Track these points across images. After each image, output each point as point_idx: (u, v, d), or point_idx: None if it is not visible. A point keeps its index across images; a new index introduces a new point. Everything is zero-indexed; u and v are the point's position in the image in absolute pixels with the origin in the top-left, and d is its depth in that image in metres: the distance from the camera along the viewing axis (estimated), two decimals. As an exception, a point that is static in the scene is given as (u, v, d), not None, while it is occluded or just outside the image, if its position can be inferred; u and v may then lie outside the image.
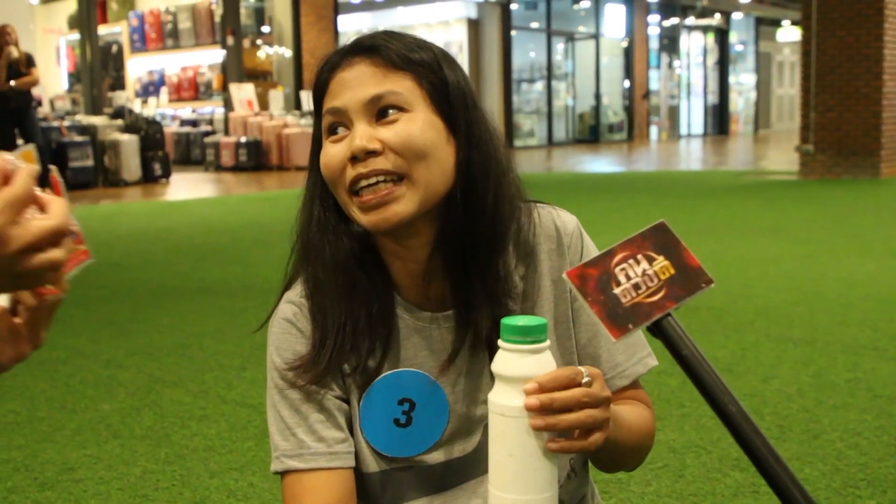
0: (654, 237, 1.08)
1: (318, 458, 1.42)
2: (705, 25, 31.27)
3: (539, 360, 1.12)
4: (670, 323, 1.06)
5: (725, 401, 1.05)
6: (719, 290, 5.56)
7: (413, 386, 1.45)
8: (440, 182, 1.33)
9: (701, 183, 13.59)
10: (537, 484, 1.13)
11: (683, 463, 2.99)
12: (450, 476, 1.48)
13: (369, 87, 1.32)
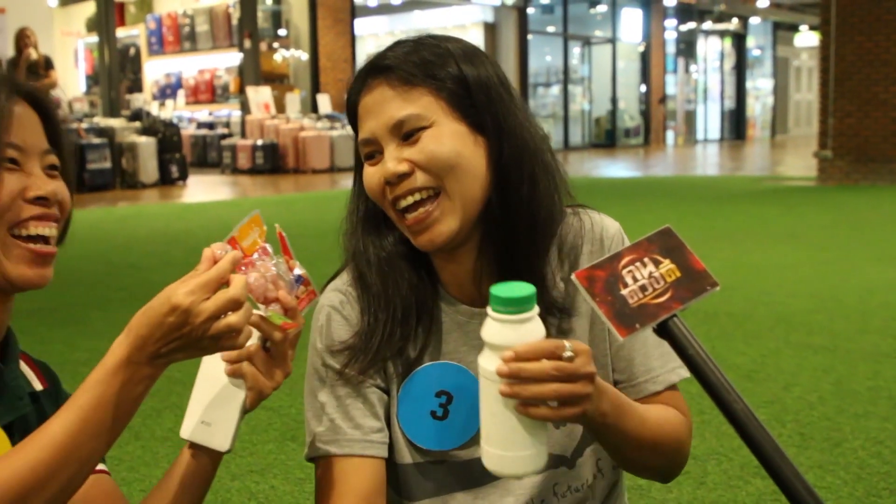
0: (660, 241, 1.11)
1: (353, 445, 1.44)
2: (722, 30, 31.19)
3: (522, 329, 1.15)
4: (676, 324, 1.09)
5: (731, 399, 1.08)
6: (738, 297, 5.55)
7: (451, 379, 1.47)
8: (476, 188, 1.37)
9: (718, 188, 13.55)
10: (517, 442, 1.18)
11: (705, 470, 2.98)
12: (483, 473, 1.47)
13: (390, 111, 1.37)
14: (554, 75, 26.73)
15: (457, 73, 1.38)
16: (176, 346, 1.15)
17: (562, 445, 1.49)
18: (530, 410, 1.14)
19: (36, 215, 1.31)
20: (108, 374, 1.17)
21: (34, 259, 1.30)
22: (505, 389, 1.14)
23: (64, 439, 1.15)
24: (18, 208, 1.30)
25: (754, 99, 33.71)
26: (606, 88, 27.76)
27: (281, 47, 20.35)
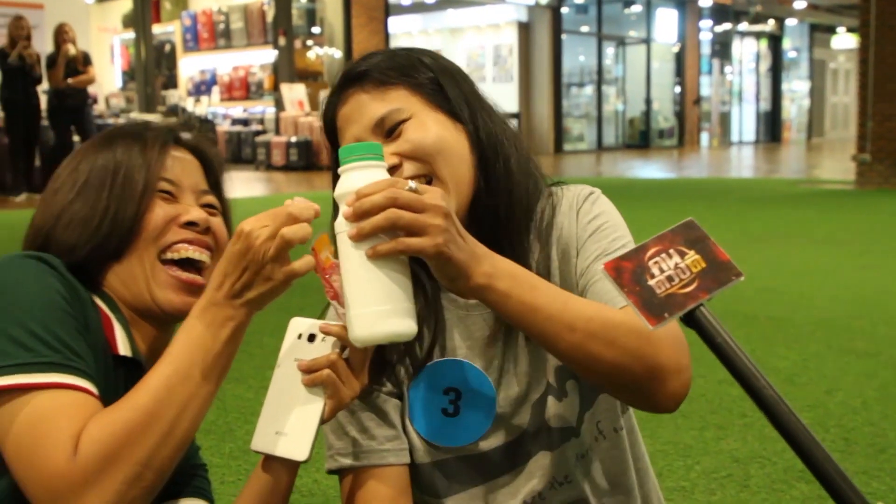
0: (684, 233, 1.13)
1: (370, 456, 1.45)
2: (758, 31, 30.97)
3: (365, 174, 1.18)
4: (703, 313, 1.10)
5: (760, 385, 1.08)
6: (778, 300, 5.50)
7: (458, 375, 1.48)
8: (464, 169, 1.42)
9: (754, 191, 13.46)
10: (373, 296, 1.17)
11: (747, 473, 2.94)
12: (504, 461, 1.50)
13: (369, 112, 1.42)
14: (587, 75, 26.64)
15: (428, 70, 1.45)
16: (246, 280, 1.18)
17: (567, 416, 1.49)
18: (379, 248, 1.16)
19: (186, 239, 1.40)
20: (193, 318, 1.22)
21: (180, 286, 1.39)
22: (351, 231, 1.16)
23: (157, 384, 1.19)
24: (170, 232, 1.40)
25: (790, 101, 33.48)
26: (640, 89, 27.64)
27: (315, 45, 20.42)
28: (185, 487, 1.53)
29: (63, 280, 1.28)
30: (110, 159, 1.42)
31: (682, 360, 1.31)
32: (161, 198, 1.41)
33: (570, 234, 1.48)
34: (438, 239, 1.15)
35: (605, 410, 1.52)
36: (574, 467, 1.51)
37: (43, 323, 1.21)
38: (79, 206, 1.40)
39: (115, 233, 1.38)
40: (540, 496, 1.50)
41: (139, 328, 1.41)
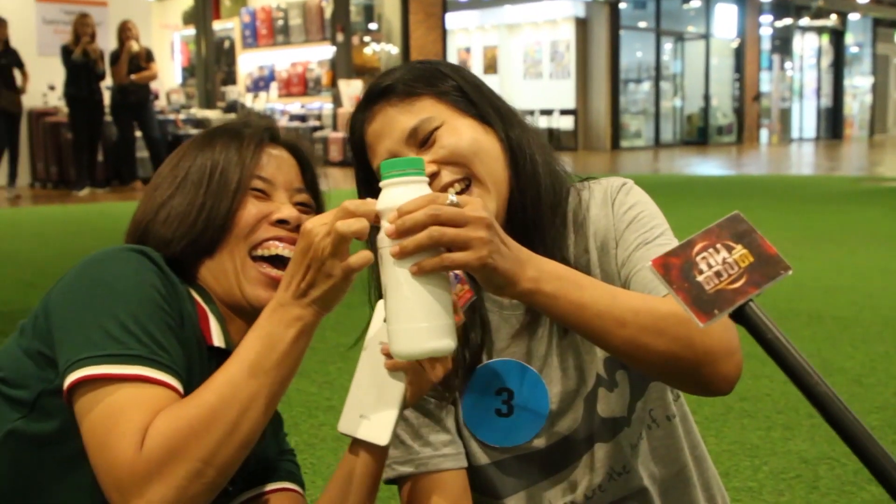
0: (731, 227, 1.12)
1: (426, 463, 1.47)
2: (820, 26, 30.47)
3: (408, 189, 1.18)
4: (752, 309, 1.09)
5: (813, 382, 1.07)
6: (843, 299, 5.42)
7: (508, 375, 1.49)
8: (499, 169, 1.44)
9: (816, 188, 13.25)
10: (414, 313, 1.17)
11: (816, 474, 2.91)
12: (560, 457, 1.52)
13: (400, 125, 1.44)
14: (645, 71, 26.42)
15: (449, 78, 1.47)
16: (310, 279, 1.20)
17: (619, 408, 1.51)
18: (423, 265, 1.15)
19: (277, 236, 1.43)
20: (263, 318, 1.24)
21: (270, 283, 1.41)
22: (393, 249, 1.15)
23: (223, 382, 1.21)
24: (261, 229, 1.43)
25: (852, 97, 32.89)
26: (699, 85, 27.35)
27: (372, 41, 20.49)
28: (273, 473, 1.55)
29: (161, 274, 1.32)
30: (208, 157, 1.46)
31: (732, 343, 1.32)
32: (254, 195, 1.44)
33: (607, 225, 1.49)
34: (483, 251, 1.16)
35: (656, 399, 1.55)
36: (630, 457, 1.52)
37: (136, 317, 1.23)
38: (177, 202, 1.44)
39: (209, 228, 1.41)
40: (600, 488, 1.52)
41: (232, 322, 1.44)
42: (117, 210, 9.44)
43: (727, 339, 1.31)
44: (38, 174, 14.19)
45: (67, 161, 13.53)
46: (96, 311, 1.24)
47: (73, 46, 12.27)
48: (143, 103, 12.92)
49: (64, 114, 13.41)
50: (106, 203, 11.69)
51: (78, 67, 12.26)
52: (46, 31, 14.75)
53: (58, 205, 11.62)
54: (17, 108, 12.66)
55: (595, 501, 1.52)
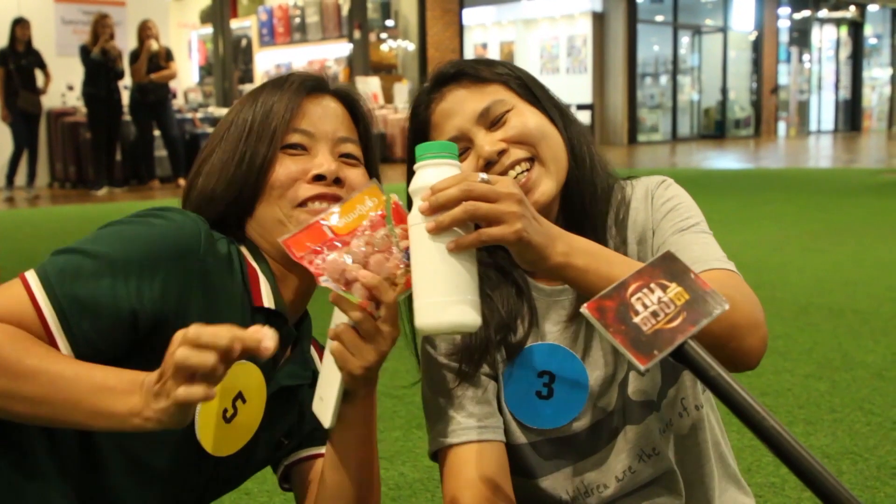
0: (664, 266, 1.12)
1: (469, 432, 1.50)
2: (839, 18, 30.28)
3: (440, 170, 1.21)
4: (692, 346, 1.09)
5: (760, 417, 1.06)
6: (863, 293, 5.40)
7: (551, 359, 1.52)
8: (562, 154, 1.51)
9: (835, 181, 13.18)
10: (442, 287, 1.19)
11: (839, 469, 2.90)
12: (594, 439, 1.56)
13: (472, 104, 1.49)
14: (662, 65, 26.32)
15: (513, 73, 1.55)
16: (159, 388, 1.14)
17: (649, 391, 1.55)
18: (460, 241, 1.19)
19: (315, 195, 1.42)
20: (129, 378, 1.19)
21: None
22: (430, 225, 1.19)
23: (57, 364, 1.20)
24: (300, 188, 1.42)
25: (871, 89, 32.66)
26: (716, 78, 27.23)
27: (389, 38, 20.51)
28: (305, 439, 1.59)
29: (199, 233, 1.35)
30: (249, 111, 1.46)
31: (759, 316, 1.35)
32: (289, 154, 1.43)
33: (646, 218, 1.55)
34: (517, 225, 1.19)
35: (689, 388, 1.59)
36: (659, 440, 1.56)
37: (97, 265, 1.28)
38: (218, 156, 1.46)
39: (247, 186, 1.42)
40: (630, 470, 1.56)
41: (285, 279, 1.45)
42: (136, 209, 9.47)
43: (754, 313, 1.34)
44: (57, 174, 14.28)
45: (86, 161, 13.61)
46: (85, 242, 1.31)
47: (91, 46, 12.33)
48: (162, 102, 12.97)
49: (82, 114, 13.48)
50: (124, 202, 11.73)
51: (97, 67, 12.32)
52: (65, 31, 14.83)
53: (76, 204, 11.67)
54: (37, 108, 12.74)
55: (627, 482, 1.56)
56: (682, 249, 1.44)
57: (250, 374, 1.39)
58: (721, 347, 1.31)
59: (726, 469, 1.69)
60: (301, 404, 1.54)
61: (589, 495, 1.56)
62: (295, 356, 1.51)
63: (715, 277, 1.37)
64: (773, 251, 6.87)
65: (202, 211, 1.43)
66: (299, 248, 1.27)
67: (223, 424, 1.35)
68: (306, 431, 1.57)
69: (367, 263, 1.26)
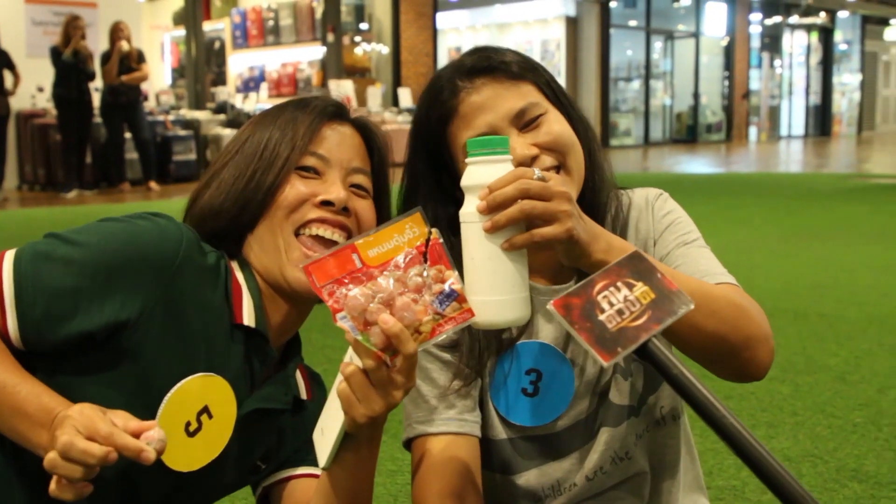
0: (631, 265, 1.14)
1: (448, 424, 1.50)
2: (809, 24, 30.54)
3: (495, 168, 1.21)
4: (655, 345, 1.11)
5: (720, 415, 1.08)
6: (829, 297, 5.45)
7: (540, 357, 1.53)
8: (582, 165, 1.52)
9: (804, 186, 13.30)
10: (498, 286, 1.20)
11: (799, 472, 2.93)
12: (573, 439, 1.57)
13: (508, 102, 1.47)
14: (635, 70, 26.46)
15: (540, 71, 1.54)
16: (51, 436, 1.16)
17: (630, 396, 1.57)
18: (514, 240, 1.20)
19: (319, 218, 1.42)
20: (53, 406, 1.21)
21: None
22: (486, 225, 1.19)
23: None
24: (305, 210, 1.42)
25: (840, 94, 32.97)
26: (689, 83, 27.40)
27: (363, 41, 20.48)
28: (305, 456, 1.56)
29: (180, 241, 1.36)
30: (267, 131, 1.46)
31: (769, 330, 1.39)
32: (301, 176, 1.43)
33: (647, 227, 1.58)
34: (569, 223, 1.21)
35: (668, 397, 1.61)
36: (633, 445, 1.58)
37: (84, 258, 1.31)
38: (230, 171, 1.45)
39: (253, 202, 1.41)
40: (602, 470, 1.57)
41: (274, 301, 1.44)
42: (105, 212, 9.41)
43: (766, 326, 1.38)
44: (26, 176, 14.15)
45: (56, 163, 13.49)
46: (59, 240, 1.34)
47: (62, 48, 12.23)
48: (133, 104, 12.89)
49: (53, 115, 13.37)
50: (94, 205, 11.65)
51: (67, 68, 12.22)
52: (35, 32, 14.72)
53: (45, 207, 11.58)
54: (5, 110, 12.61)
55: (596, 483, 1.57)
56: (688, 262, 1.49)
57: (218, 389, 1.36)
58: (734, 357, 1.36)
59: (695, 480, 1.71)
60: (281, 430, 1.51)
61: (560, 493, 1.58)
62: (276, 379, 1.47)
63: (728, 291, 1.41)
64: (740, 255, 6.92)
65: (204, 223, 1.44)
66: (322, 277, 1.15)
67: (185, 438, 1.31)
68: (284, 457, 1.54)
69: (392, 305, 1.14)
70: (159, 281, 1.31)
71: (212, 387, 1.35)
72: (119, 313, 1.29)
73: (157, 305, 1.31)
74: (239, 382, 1.39)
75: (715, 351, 1.34)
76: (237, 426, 1.39)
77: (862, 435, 3.22)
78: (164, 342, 1.32)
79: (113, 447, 1.10)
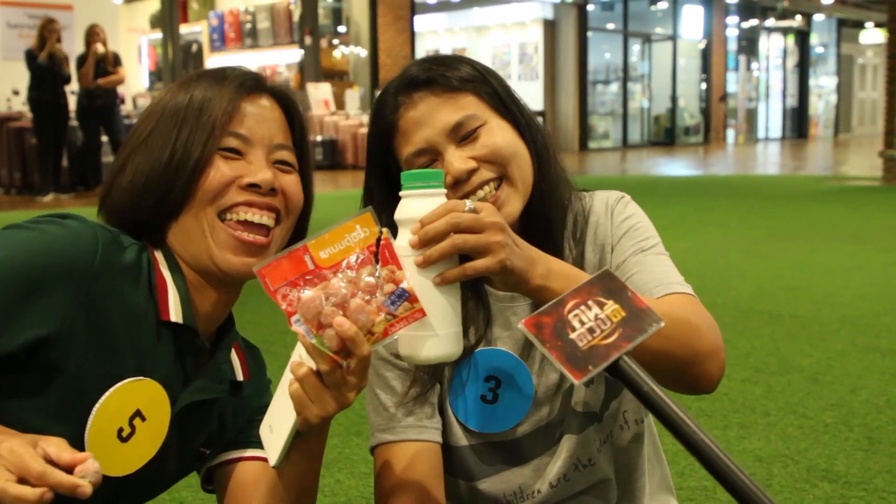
0: (602, 284, 1.14)
1: (407, 431, 1.51)
2: (785, 27, 30.75)
3: (429, 202, 1.21)
4: (626, 362, 1.11)
5: (691, 431, 1.09)
6: (803, 298, 5.48)
7: (499, 364, 1.53)
8: (528, 172, 1.49)
9: (780, 188, 13.38)
10: (430, 321, 1.18)
11: (770, 472, 2.95)
12: (534, 445, 1.57)
13: (444, 116, 1.45)
14: (613, 73, 26.55)
15: (485, 78, 1.50)
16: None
17: (591, 402, 1.57)
18: (446, 275, 1.19)
19: (246, 201, 1.37)
20: None
21: (240, 247, 1.37)
22: (418, 259, 1.19)
23: None
24: (230, 193, 1.37)
25: (817, 97, 33.21)
26: (666, 86, 27.52)
27: (341, 44, 20.47)
28: (245, 438, 1.55)
29: (95, 245, 1.29)
30: (181, 111, 1.38)
31: (719, 343, 1.38)
32: (223, 156, 1.37)
33: (605, 232, 1.56)
34: (501, 255, 1.20)
35: (631, 401, 1.60)
36: (597, 451, 1.58)
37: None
38: (144, 156, 1.38)
39: (175, 189, 1.35)
40: (565, 478, 1.57)
41: (202, 292, 1.40)
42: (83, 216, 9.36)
43: (714, 339, 1.37)
44: (2, 180, 14.03)
45: (32, 166, 13.39)
46: None
47: (37, 51, 12.15)
48: (109, 107, 12.80)
49: (28, 119, 13.28)
50: (71, 209, 11.55)
51: (43, 71, 12.14)
52: (10, 35, 14.65)
53: (22, 211, 11.49)
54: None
55: (560, 490, 1.58)
56: (643, 270, 1.48)
57: (149, 391, 1.34)
58: (683, 372, 1.35)
59: (663, 481, 1.72)
60: (221, 415, 1.50)
61: (523, 500, 1.58)
62: (209, 368, 1.45)
63: (676, 302, 1.40)
64: (716, 257, 6.96)
65: (124, 214, 1.38)
66: (275, 280, 1.15)
67: (118, 444, 1.31)
68: (228, 439, 1.54)
69: (346, 307, 1.14)
70: (77, 291, 1.27)
71: (142, 390, 1.33)
72: (38, 330, 1.25)
73: (77, 316, 1.27)
74: (171, 379, 1.37)
75: (663, 367, 1.33)
76: (174, 421, 1.37)
77: (833, 435, 3.24)
78: (89, 352, 1.28)
79: (47, 486, 1.08)
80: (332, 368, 1.17)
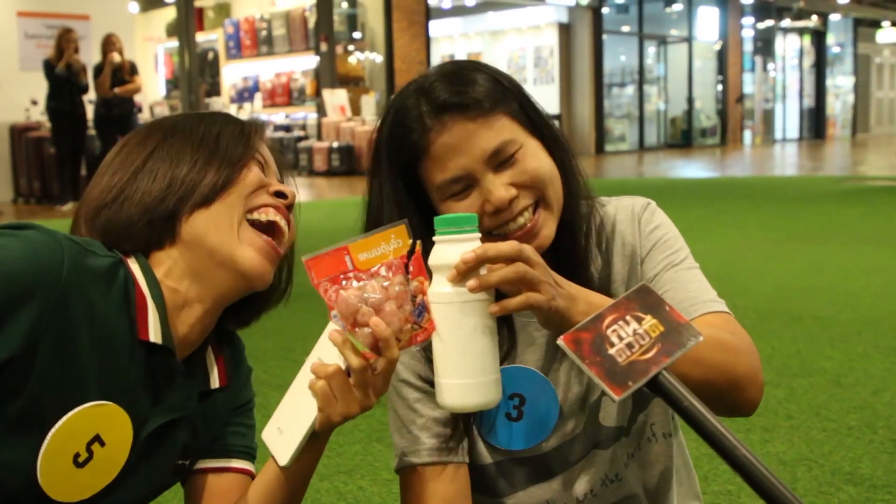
0: (640, 299, 1.14)
1: (432, 454, 1.49)
2: (801, 27, 30.62)
3: (464, 248, 1.20)
4: (666, 377, 1.11)
5: (731, 446, 1.09)
6: (823, 299, 5.46)
7: (522, 381, 1.51)
8: (560, 193, 1.47)
9: (798, 189, 13.32)
10: (470, 368, 1.19)
11: (794, 476, 2.94)
12: (561, 461, 1.56)
13: (481, 143, 1.40)
14: (629, 75, 26.50)
15: (510, 92, 1.46)
16: None
17: (620, 417, 1.55)
18: (506, 304, 1.20)
19: (273, 203, 1.41)
20: None
21: (262, 247, 1.38)
22: (473, 284, 1.18)
23: None
24: (260, 195, 1.41)
25: (834, 97, 33.04)
26: (682, 88, 27.44)
27: (356, 50, 20.50)
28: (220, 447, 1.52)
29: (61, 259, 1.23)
30: (210, 129, 1.43)
31: (757, 365, 1.38)
32: (259, 163, 1.43)
33: (633, 241, 1.54)
34: (551, 293, 1.21)
35: (658, 414, 1.59)
36: (623, 466, 1.56)
37: None
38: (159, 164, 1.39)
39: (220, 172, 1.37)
40: (592, 493, 1.56)
41: (184, 310, 1.37)
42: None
43: (753, 363, 1.37)
44: (21, 190, 14.15)
45: (50, 176, 13.49)
46: None
47: (55, 61, 12.23)
48: (127, 116, 12.86)
49: (47, 128, 13.37)
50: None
51: (61, 81, 12.22)
52: (28, 45, 14.72)
53: (41, 220, 11.52)
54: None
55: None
56: (677, 287, 1.47)
57: (111, 416, 1.29)
58: (722, 398, 1.34)
59: (690, 489, 1.71)
60: (192, 424, 1.45)
61: None
62: (178, 385, 1.39)
63: (713, 322, 1.39)
64: (735, 258, 6.93)
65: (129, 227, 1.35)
66: (319, 273, 1.20)
67: (73, 470, 1.26)
68: (204, 446, 1.50)
69: (380, 310, 1.17)
70: (42, 311, 1.19)
71: (103, 415, 1.27)
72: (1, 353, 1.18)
73: (41, 338, 1.19)
74: (140, 400, 1.32)
75: (702, 395, 1.30)
76: (146, 440, 1.34)
77: (857, 438, 3.23)
78: (51, 375, 1.22)
79: None
80: (364, 366, 1.20)
